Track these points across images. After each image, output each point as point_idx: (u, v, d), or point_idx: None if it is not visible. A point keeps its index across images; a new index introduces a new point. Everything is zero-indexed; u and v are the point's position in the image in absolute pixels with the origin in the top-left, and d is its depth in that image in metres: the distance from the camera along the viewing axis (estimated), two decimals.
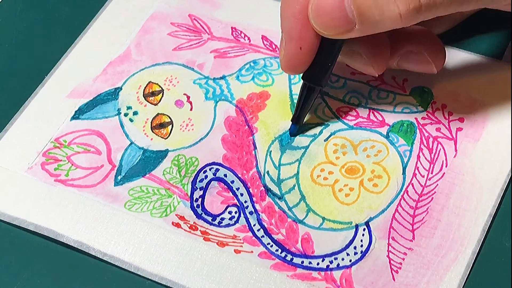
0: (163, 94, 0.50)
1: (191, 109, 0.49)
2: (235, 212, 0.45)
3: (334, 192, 0.45)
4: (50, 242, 0.45)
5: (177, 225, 0.44)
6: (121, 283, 0.43)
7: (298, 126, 0.47)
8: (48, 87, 0.51)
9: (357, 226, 0.44)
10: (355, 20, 0.41)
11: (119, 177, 0.47)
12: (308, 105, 0.47)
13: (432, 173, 0.45)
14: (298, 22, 0.43)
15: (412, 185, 0.45)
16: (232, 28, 0.53)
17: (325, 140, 0.47)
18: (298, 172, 0.46)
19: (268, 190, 0.46)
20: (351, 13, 0.40)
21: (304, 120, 0.48)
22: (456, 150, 0.46)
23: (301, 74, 0.46)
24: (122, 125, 0.49)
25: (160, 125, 0.49)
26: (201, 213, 0.45)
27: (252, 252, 0.43)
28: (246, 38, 0.52)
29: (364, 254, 0.43)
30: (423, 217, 0.44)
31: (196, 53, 0.52)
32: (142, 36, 0.53)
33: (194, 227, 0.44)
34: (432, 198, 0.44)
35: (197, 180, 0.46)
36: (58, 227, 0.45)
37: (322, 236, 0.44)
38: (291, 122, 0.47)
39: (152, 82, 0.51)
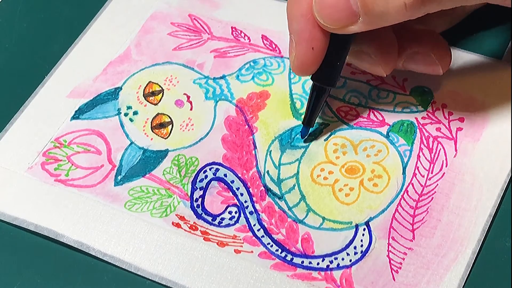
0: (163, 94, 0.50)
1: (191, 109, 0.49)
2: (235, 212, 0.45)
3: (334, 192, 0.45)
4: (50, 242, 0.45)
5: (177, 225, 0.44)
6: (121, 283, 0.43)
7: (309, 128, 0.47)
8: (48, 87, 0.51)
9: (357, 226, 0.44)
10: (359, 11, 0.40)
11: (119, 177, 0.47)
12: (319, 106, 0.46)
13: (432, 173, 0.45)
14: (308, 22, 0.42)
15: (412, 185, 0.45)
16: (232, 27, 0.53)
17: (325, 140, 0.47)
18: (298, 171, 0.46)
19: (268, 190, 0.46)
20: (355, 5, 0.40)
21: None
22: (456, 150, 0.46)
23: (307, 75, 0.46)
24: (122, 125, 0.49)
25: (160, 125, 0.49)
26: (201, 213, 0.45)
27: (252, 252, 0.43)
28: (246, 37, 0.52)
29: (364, 254, 0.43)
30: (423, 217, 0.44)
31: (196, 53, 0.52)
32: (142, 36, 0.53)
33: (194, 227, 0.44)
34: (432, 198, 0.44)
35: (197, 180, 0.46)
36: (58, 227, 0.45)
37: (322, 236, 0.44)
38: (302, 125, 0.47)
39: (152, 82, 0.51)
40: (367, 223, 0.44)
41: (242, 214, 0.45)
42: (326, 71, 0.45)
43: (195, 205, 0.45)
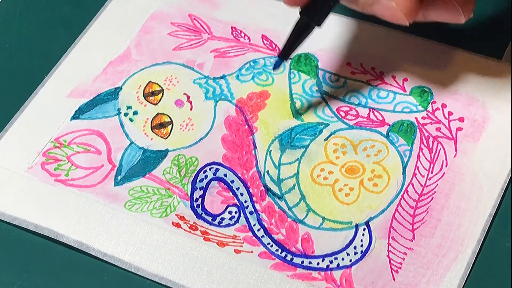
0: (163, 93, 0.50)
1: (191, 109, 0.49)
2: (235, 212, 0.45)
3: (334, 191, 0.45)
4: (50, 242, 0.45)
5: (177, 225, 0.44)
6: (121, 283, 0.43)
7: (283, 61, 0.46)
8: (48, 87, 0.51)
9: (357, 226, 0.44)
10: None
11: (119, 177, 0.47)
12: (299, 42, 0.45)
13: (432, 172, 0.45)
14: None
15: (412, 185, 0.45)
16: (232, 27, 0.53)
17: (325, 140, 0.47)
18: (298, 171, 0.46)
19: (268, 189, 0.46)
20: None
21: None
22: (456, 150, 0.46)
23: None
24: (122, 125, 0.49)
25: (160, 125, 0.49)
26: (201, 213, 0.45)
27: (252, 252, 0.43)
28: (246, 37, 0.52)
29: (364, 254, 0.43)
30: (423, 217, 0.44)
31: (196, 53, 0.52)
32: (142, 36, 0.53)
33: (194, 227, 0.44)
34: (432, 198, 0.44)
35: (197, 180, 0.46)
36: (58, 227, 0.45)
37: (322, 236, 0.44)
38: (278, 57, 0.46)
39: (152, 82, 0.51)
40: (367, 223, 0.44)
41: (242, 214, 0.45)
42: (316, 7, 0.44)
43: (195, 205, 0.45)
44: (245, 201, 0.45)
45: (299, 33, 0.45)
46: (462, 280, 0.42)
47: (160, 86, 0.50)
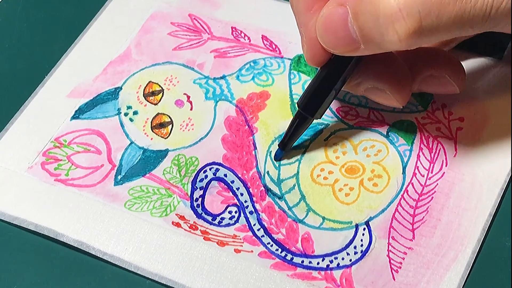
0: (163, 93, 0.50)
1: (191, 109, 0.49)
2: (235, 212, 0.45)
3: (334, 191, 0.45)
4: (50, 242, 0.45)
5: (177, 225, 0.44)
6: (121, 282, 0.43)
7: (283, 152, 0.47)
8: (48, 87, 0.51)
9: (357, 226, 0.44)
10: (359, 40, 0.40)
11: (119, 177, 0.47)
12: (299, 134, 0.46)
13: (432, 172, 0.45)
14: (314, 15, 0.42)
15: (412, 185, 0.45)
16: (232, 28, 0.53)
17: (325, 140, 0.47)
18: (298, 171, 0.46)
19: (268, 190, 0.46)
20: (355, 34, 0.40)
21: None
22: (456, 149, 0.46)
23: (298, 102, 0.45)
24: (122, 125, 0.49)
25: (160, 125, 0.49)
26: (201, 213, 0.45)
27: (252, 251, 0.43)
28: (246, 38, 0.52)
29: (364, 253, 0.43)
30: (423, 217, 0.44)
31: (196, 53, 0.52)
32: (142, 36, 0.53)
33: (194, 227, 0.44)
34: (432, 197, 0.44)
35: (197, 180, 0.46)
36: (58, 226, 0.45)
37: (322, 235, 0.44)
38: (278, 147, 0.47)
39: (152, 82, 0.51)
40: (367, 223, 0.44)
41: (242, 214, 0.45)
42: (313, 101, 0.44)
43: (195, 205, 0.45)
44: (245, 201, 0.45)
45: (298, 125, 0.46)
46: (462, 280, 0.42)
47: (160, 86, 0.50)
